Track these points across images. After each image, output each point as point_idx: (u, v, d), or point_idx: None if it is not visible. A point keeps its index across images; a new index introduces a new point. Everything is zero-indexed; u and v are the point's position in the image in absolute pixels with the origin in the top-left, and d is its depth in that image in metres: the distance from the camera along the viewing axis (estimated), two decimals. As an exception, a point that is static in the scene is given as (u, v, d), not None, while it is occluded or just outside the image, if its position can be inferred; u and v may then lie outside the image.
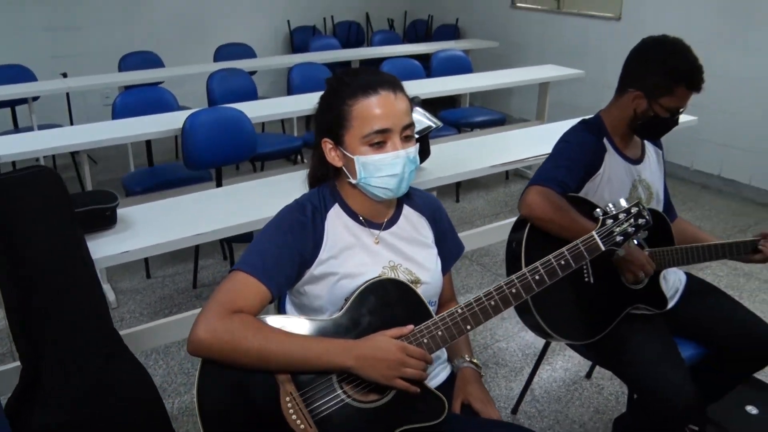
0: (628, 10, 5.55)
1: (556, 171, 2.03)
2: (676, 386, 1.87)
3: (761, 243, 2.14)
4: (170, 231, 2.19)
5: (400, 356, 1.34)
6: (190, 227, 2.22)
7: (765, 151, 4.81)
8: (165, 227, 2.22)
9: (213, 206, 2.46)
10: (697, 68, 1.99)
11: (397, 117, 1.43)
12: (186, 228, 2.22)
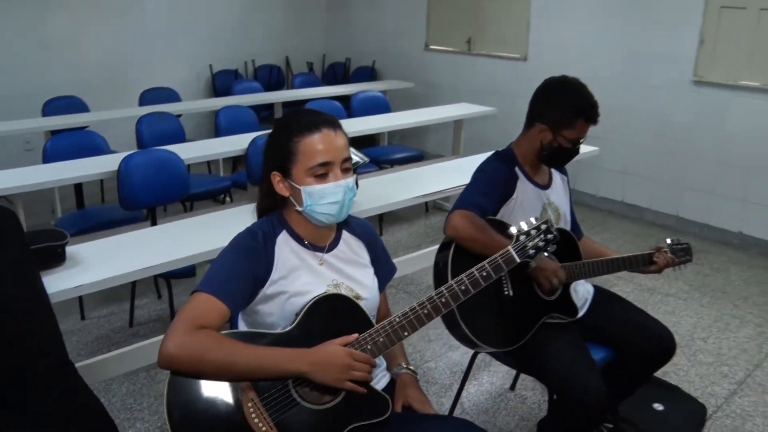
0: (533, 51, 5.96)
1: (475, 197, 2.26)
2: (590, 386, 2.09)
3: (655, 255, 2.44)
4: (121, 265, 2.28)
5: (348, 361, 1.52)
6: (139, 261, 2.32)
7: (662, 178, 5.25)
8: (114, 262, 2.31)
9: (155, 243, 2.57)
10: (594, 104, 2.29)
11: (338, 151, 1.63)
12: (135, 262, 2.32)
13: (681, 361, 3.31)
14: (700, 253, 4.72)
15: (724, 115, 4.86)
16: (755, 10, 4.61)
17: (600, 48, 5.43)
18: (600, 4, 5.42)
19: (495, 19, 6.26)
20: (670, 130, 5.16)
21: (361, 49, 7.52)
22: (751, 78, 4.71)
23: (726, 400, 3.03)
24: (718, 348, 3.48)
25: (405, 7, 7.00)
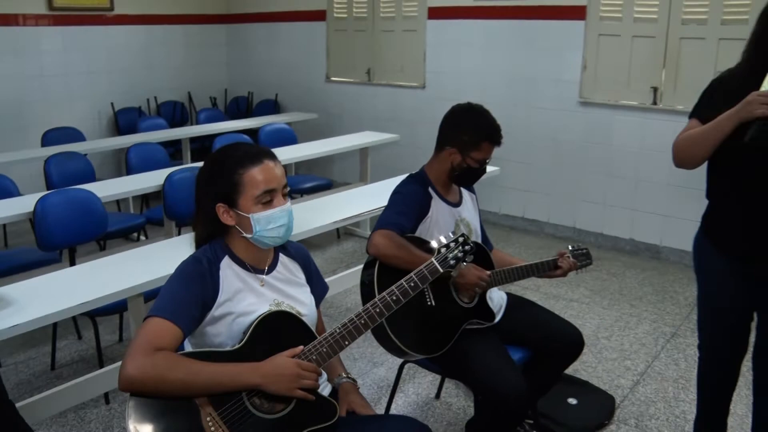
0: (430, 80, 6.25)
1: (393, 217, 2.43)
2: (511, 384, 2.28)
3: (559, 260, 2.67)
4: (52, 304, 2.29)
5: (296, 371, 1.64)
6: (68, 299, 2.34)
7: (558, 193, 5.61)
8: (44, 302, 2.32)
9: (81, 280, 2.59)
10: (497, 127, 2.52)
11: (279, 179, 1.77)
12: (64, 300, 2.33)
13: (589, 359, 3.58)
14: (597, 260, 5.02)
15: (609, 132, 5.28)
16: (629, 37, 5.06)
17: (493, 74, 5.77)
18: (491, 34, 5.76)
19: (393, 50, 6.52)
20: (562, 148, 5.54)
21: (263, 82, 7.63)
22: (630, 98, 5.15)
23: (631, 390, 3.31)
24: (620, 344, 3.78)
25: (305, 41, 7.17)
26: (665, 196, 4.98)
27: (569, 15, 5.30)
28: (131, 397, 1.55)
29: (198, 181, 1.84)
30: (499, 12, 5.67)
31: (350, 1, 6.71)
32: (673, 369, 3.52)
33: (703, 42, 4.68)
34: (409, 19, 6.30)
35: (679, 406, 3.17)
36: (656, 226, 5.13)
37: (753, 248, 2.25)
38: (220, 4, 7.75)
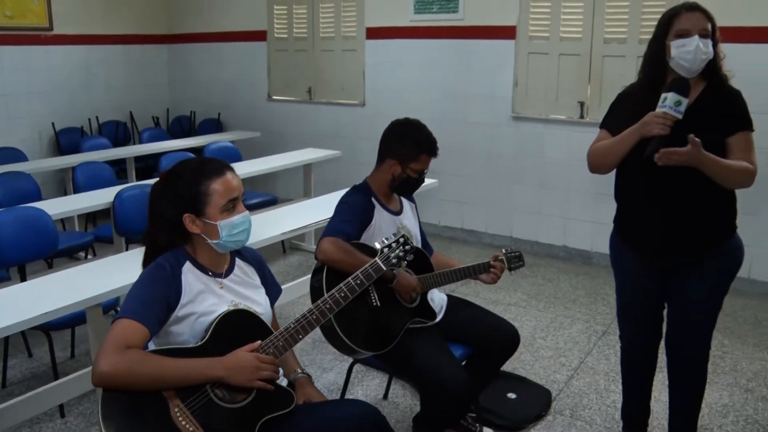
0: (369, 98, 6.45)
1: (339, 224, 2.60)
2: (454, 377, 2.46)
3: (492, 262, 2.88)
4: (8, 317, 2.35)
5: (256, 363, 1.79)
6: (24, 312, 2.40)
7: (495, 204, 5.86)
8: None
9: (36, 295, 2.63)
10: (433, 140, 2.73)
11: (239, 189, 1.94)
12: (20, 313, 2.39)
13: (526, 358, 3.80)
14: (533, 267, 5.34)
15: (541, 145, 5.57)
16: (556, 55, 5.38)
17: (430, 91, 6.01)
18: (427, 53, 6.01)
19: (333, 69, 6.70)
20: (497, 161, 5.81)
21: (206, 101, 7.71)
22: (559, 112, 5.46)
23: (566, 384, 3.54)
24: (555, 343, 4.02)
25: (246, 61, 7.29)
26: (595, 204, 5.28)
27: (500, 35, 5.59)
28: (103, 392, 1.67)
29: (156, 196, 1.97)
30: (435, 32, 5.93)
31: (290, 22, 6.88)
32: (604, 363, 3.76)
33: (623, 59, 5.01)
34: (349, 39, 6.51)
35: (609, 397, 3.40)
36: (587, 233, 5.43)
37: (654, 246, 2.52)
38: (160, 25, 7.81)
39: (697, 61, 2.29)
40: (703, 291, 2.54)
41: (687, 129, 2.26)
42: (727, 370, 3.72)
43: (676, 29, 2.33)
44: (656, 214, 2.47)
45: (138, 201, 3.93)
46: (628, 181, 2.56)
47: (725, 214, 2.51)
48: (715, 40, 2.36)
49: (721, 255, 2.51)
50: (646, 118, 2.31)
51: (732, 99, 2.41)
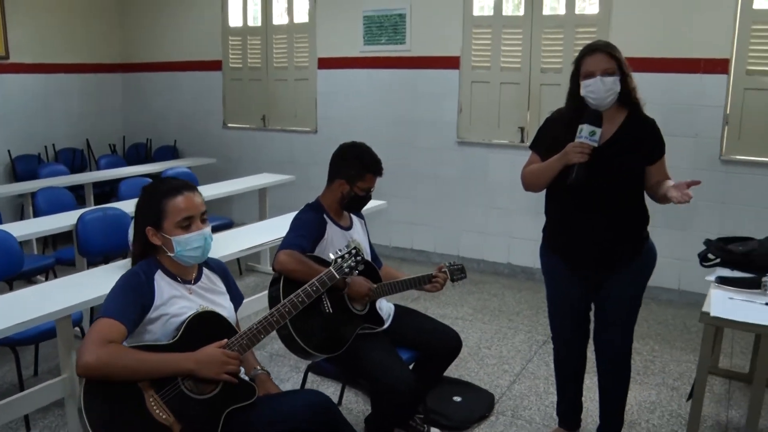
0: (321, 125, 6.72)
1: (294, 239, 2.84)
2: (402, 377, 2.69)
3: (435, 273, 3.14)
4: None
5: (222, 358, 2.01)
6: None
7: (443, 224, 6.16)
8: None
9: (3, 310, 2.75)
10: (378, 160, 2.99)
11: (197, 207, 2.15)
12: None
13: (471, 365, 4.06)
14: (479, 284, 5.64)
15: (485, 167, 5.90)
16: (497, 84, 5.74)
17: (379, 118, 6.30)
18: (376, 82, 6.32)
19: (286, 98, 6.96)
20: (444, 184, 6.11)
21: (162, 129, 7.87)
22: (501, 137, 5.81)
23: (508, 388, 3.80)
24: (499, 352, 4.29)
25: (201, 90, 7.49)
26: (536, 223, 5.49)
27: (445, 65, 5.93)
28: (85, 383, 1.87)
29: (136, 208, 2.20)
30: (383, 62, 6.25)
31: (245, 52, 7.13)
32: (544, 369, 4.04)
33: (559, 87, 5.35)
34: (301, 69, 6.79)
35: (548, 398, 3.67)
36: (530, 250, 5.72)
37: (581, 257, 2.84)
38: (115, 54, 7.97)
39: (602, 98, 2.62)
40: (624, 293, 2.86)
41: (611, 153, 2.64)
42: (656, 371, 4.03)
43: (583, 71, 2.66)
44: (581, 230, 2.79)
45: (99, 223, 4.09)
46: (556, 200, 2.88)
47: (640, 227, 2.83)
48: (625, 74, 2.68)
49: (637, 261, 2.83)
50: (567, 148, 2.63)
51: (650, 128, 2.74)
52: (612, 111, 2.70)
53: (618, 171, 2.66)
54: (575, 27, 5.37)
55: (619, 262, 2.80)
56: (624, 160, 2.66)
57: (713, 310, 2.70)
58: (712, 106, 5.00)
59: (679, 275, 5.18)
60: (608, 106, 2.67)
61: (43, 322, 2.75)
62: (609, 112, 2.70)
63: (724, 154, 5.04)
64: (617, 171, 2.66)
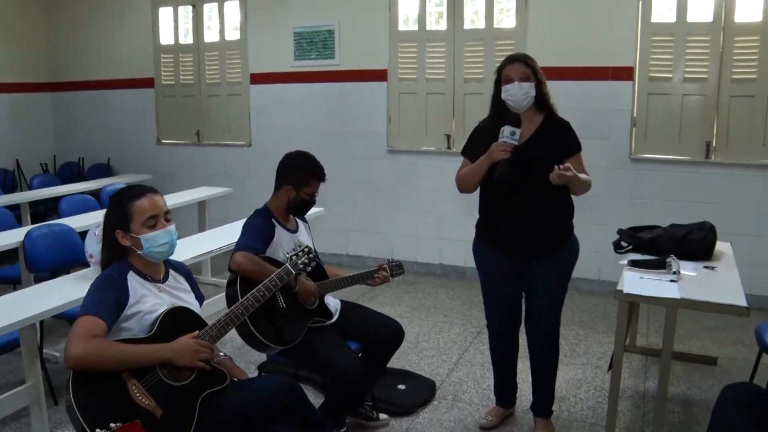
0: (255, 138, 6.91)
1: (247, 241, 3.06)
2: (351, 365, 2.95)
3: (378, 269, 3.41)
4: None
5: (196, 347, 2.22)
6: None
7: (376, 229, 6.44)
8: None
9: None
10: (321, 167, 3.24)
11: (160, 207, 2.36)
12: None
13: (412, 358, 4.34)
14: (414, 284, 5.94)
15: (414, 174, 6.22)
16: (423, 94, 6.09)
17: (312, 130, 6.54)
18: (308, 96, 6.57)
19: (220, 113, 7.12)
20: (376, 191, 6.41)
21: (94, 147, 7.88)
22: (429, 144, 6.15)
23: (448, 375, 4.10)
24: (437, 345, 4.59)
25: (134, 107, 7.56)
26: (465, 224, 5.91)
27: (374, 77, 6.24)
28: (73, 375, 2.05)
29: (105, 217, 2.39)
30: (314, 76, 6.51)
31: (177, 69, 7.25)
32: (479, 357, 4.35)
33: (481, 96, 5.74)
34: (234, 85, 6.97)
35: (485, 382, 3.98)
36: (460, 250, 6.07)
37: (510, 245, 3.16)
38: (44, 73, 7.95)
39: (520, 100, 2.99)
40: (550, 281, 3.19)
41: (531, 152, 3.00)
42: (581, 353, 4.41)
43: (503, 77, 3.03)
44: (509, 218, 3.11)
45: (47, 239, 4.19)
46: (487, 196, 3.20)
47: (564, 216, 3.17)
48: (540, 81, 3.04)
49: (561, 252, 3.17)
50: (492, 147, 2.98)
51: (565, 128, 3.12)
52: (530, 114, 3.06)
53: (537, 165, 2.99)
54: (494, 40, 5.76)
55: (544, 248, 3.13)
56: (542, 156, 3.00)
57: (626, 288, 3.06)
58: (621, 109, 5.47)
59: (599, 266, 5.61)
60: (525, 108, 3.02)
61: (8, 332, 2.87)
62: (528, 115, 3.05)
63: (633, 153, 5.51)
64: (536, 165, 2.99)
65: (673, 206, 5.27)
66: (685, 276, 3.28)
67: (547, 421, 3.41)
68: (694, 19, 5.19)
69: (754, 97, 5.10)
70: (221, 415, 2.25)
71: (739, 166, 5.24)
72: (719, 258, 3.68)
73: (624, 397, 3.79)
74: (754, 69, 5.07)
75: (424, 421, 3.56)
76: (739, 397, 1.95)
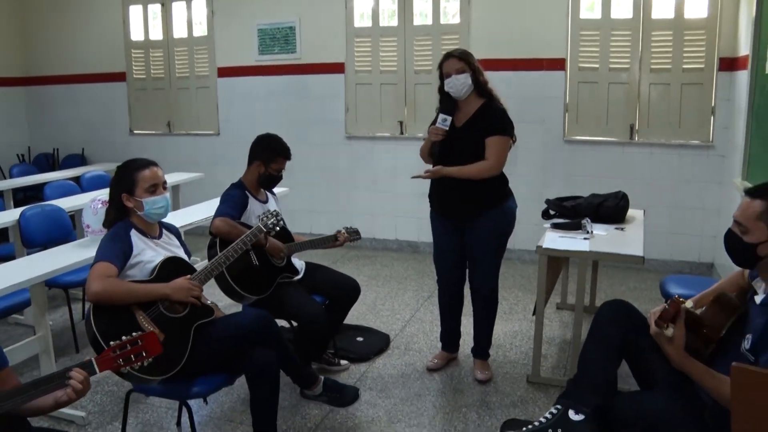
0: (223, 127, 7.40)
1: (225, 209, 3.58)
2: (317, 314, 3.50)
3: (338, 235, 3.97)
4: None
5: (189, 286, 2.74)
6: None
7: (336, 209, 6.98)
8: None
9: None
10: (287, 147, 3.78)
11: (159, 177, 2.87)
12: None
13: (370, 318, 4.90)
14: (372, 258, 6.52)
15: (370, 158, 6.79)
16: (378, 85, 6.66)
17: (275, 120, 7.02)
18: (271, 88, 7.09)
19: (189, 105, 7.59)
20: (335, 174, 6.97)
21: (68, 138, 8.26)
22: (383, 131, 6.73)
23: (401, 330, 4.67)
24: (392, 307, 5.16)
25: (106, 100, 7.97)
26: (418, 203, 6.44)
27: (332, 70, 6.79)
28: (92, 307, 2.57)
29: (111, 183, 2.90)
30: (277, 69, 7.02)
31: (148, 64, 7.70)
32: (429, 315, 4.94)
33: (430, 86, 6.29)
34: (202, 78, 7.45)
35: (433, 334, 4.55)
36: (413, 227, 6.68)
37: (446, 208, 3.73)
38: (17, 68, 8.30)
39: (458, 90, 3.54)
40: (482, 240, 3.73)
41: (465, 132, 3.56)
42: (519, 311, 5.02)
43: (443, 72, 3.58)
44: (447, 187, 3.66)
45: (40, 218, 4.65)
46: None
47: (494, 186, 3.68)
48: (475, 71, 3.58)
49: (490, 215, 3.70)
50: (430, 130, 3.54)
51: (494, 113, 3.61)
52: (471, 99, 3.61)
53: (468, 145, 3.56)
54: (441, 35, 6.35)
55: (473, 212, 3.66)
56: (472, 137, 3.56)
57: (545, 245, 3.68)
58: (554, 97, 6.10)
59: (539, 238, 6.21)
60: (465, 96, 3.58)
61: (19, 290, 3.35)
62: (469, 101, 3.60)
63: (566, 135, 6.15)
64: (467, 145, 3.56)
65: (601, 182, 5.86)
66: (597, 235, 3.91)
67: (484, 362, 3.99)
68: (617, 16, 5.84)
69: (670, 84, 5.77)
70: (211, 341, 2.78)
71: (658, 146, 5.90)
72: (630, 222, 4.33)
73: (553, 344, 4.41)
74: (668, 60, 5.74)
75: (379, 366, 4.13)
76: (613, 310, 2.52)
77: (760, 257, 2.14)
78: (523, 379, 3.92)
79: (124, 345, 2.09)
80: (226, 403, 3.65)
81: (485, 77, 3.65)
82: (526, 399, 3.69)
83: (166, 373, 2.62)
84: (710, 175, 5.78)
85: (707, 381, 2.12)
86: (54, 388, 1.98)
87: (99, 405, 3.64)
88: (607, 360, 2.33)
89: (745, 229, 2.15)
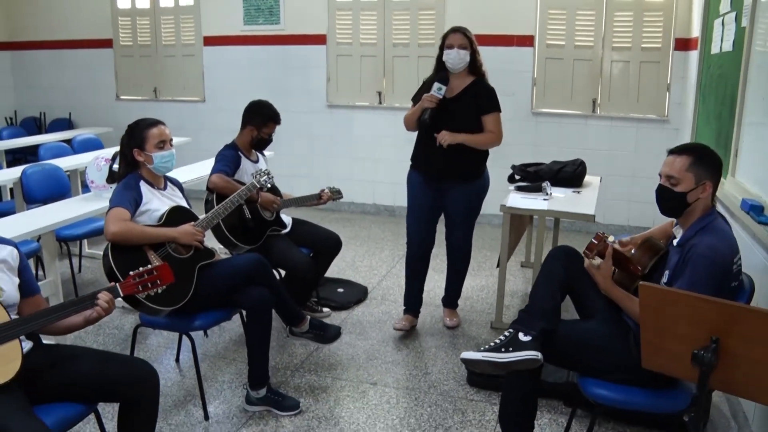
0: (209, 95, 7.70)
1: (221, 167, 3.91)
2: (303, 263, 3.88)
3: (321, 194, 4.35)
4: None
5: (193, 231, 3.11)
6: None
7: (318, 176, 7.30)
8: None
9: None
10: (277, 113, 4.13)
11: (167, 135, 3.22)
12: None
13: (349, 273, 5.31)
14: (351, 221, 6.92)
15: (350, 126, 7.16)
16: (358, 57, 7.01)
17: (259, 88, 7.29)
18: (255, 57, 7.40)
19: (175, 72, 7.87)
20: (317, 141, 7.33)
21: (55, 103, 8.50)
22: (363, 100, 7.09)
23: (378, 283, 5.09)
24: (370, 263, 5.57)
25: (93, 66, 8.20)
26: (395, 169, 6.87)
27: (314, 41, 7.12)
28: (111, 247, 2.94)
29: (123, 141, 3.25)
30: (261, 39, 7.33)
31: (134, 31, 7.95)
32: (404, 271, 5.32)
33: (407, 59, 6.71)
34: (188, 46, 7.73)
35: (406, 288, 4.99)
36: (390, 192, 7.08)
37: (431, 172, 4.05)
38: (2, 32, 8.50)
39: (456, 63, 3.86)
40: (461, 204, 4.08)
41: (455, 105, 3.87)
42: (487, 268, 5.46)
43: (446, 44, 3.89)
44: (432, 151, 3.95)
45: (40, 176, 4.97)
46: (420, 134, 4.07)
47: (476, 156, 4.01)
48: (474, 50, 3.91)
49: (470, 184, 4.05)
50: (423, 97, 3.86)
51: (488, 91, 3.95)
52: (463, 75, 3.92)
53: (456, 116, 3.88)
54: (418, 10, 6.69)
55: (455, 178, 3.99)
56: (461, 109, 3.90)
57: (509, 204, 4.11)
58: (524, 71, 6.50)
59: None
60: (460, 70, 3.89)
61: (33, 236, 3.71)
62: (460, 76, 3.92)
63: (534, 108, 6.56)
64: (456, 116, 3.89)
65: (565, 151, 6.28)
66: (555, 197, 4.35)
67: (453, 311, 4.42)
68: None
69: (630, 62, 6.20)
70: (212, 279, 3.17)
71: (618, 119, 6.35)
72: (587, 186, 4.76)
73: (516, 296, 4.87)
74: (629, 39, 6.16)
75: (358, 313, 4.55)
76: (558, 252, 2.94)
77: (689, 203, 2.53)
78: (487, 325, 4.37)
79: (142, 274, 2.47)
80: (220, 343, 4.06)
81: (481, 59, 3.97)
82: (489, 341, 4.05)
83: (174, 305, 3.01)
84: (665, 146, 6.14)
85: (627, 304, 2.59)
86: (83, 308, 2.35)
87: (102, 345, 4.01)
88: (552, 292, 2.76)
89: (676, 181, 2.53)
